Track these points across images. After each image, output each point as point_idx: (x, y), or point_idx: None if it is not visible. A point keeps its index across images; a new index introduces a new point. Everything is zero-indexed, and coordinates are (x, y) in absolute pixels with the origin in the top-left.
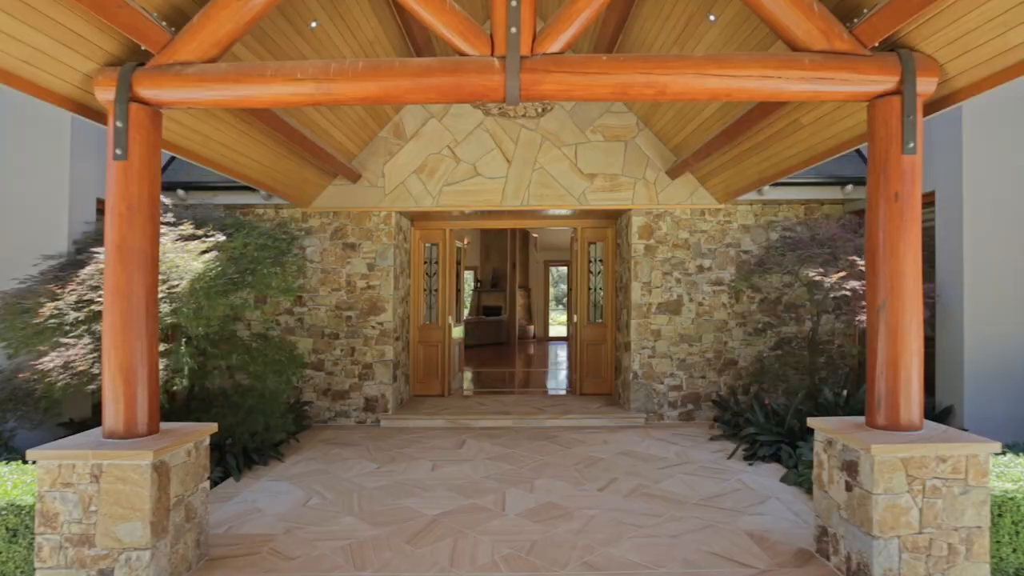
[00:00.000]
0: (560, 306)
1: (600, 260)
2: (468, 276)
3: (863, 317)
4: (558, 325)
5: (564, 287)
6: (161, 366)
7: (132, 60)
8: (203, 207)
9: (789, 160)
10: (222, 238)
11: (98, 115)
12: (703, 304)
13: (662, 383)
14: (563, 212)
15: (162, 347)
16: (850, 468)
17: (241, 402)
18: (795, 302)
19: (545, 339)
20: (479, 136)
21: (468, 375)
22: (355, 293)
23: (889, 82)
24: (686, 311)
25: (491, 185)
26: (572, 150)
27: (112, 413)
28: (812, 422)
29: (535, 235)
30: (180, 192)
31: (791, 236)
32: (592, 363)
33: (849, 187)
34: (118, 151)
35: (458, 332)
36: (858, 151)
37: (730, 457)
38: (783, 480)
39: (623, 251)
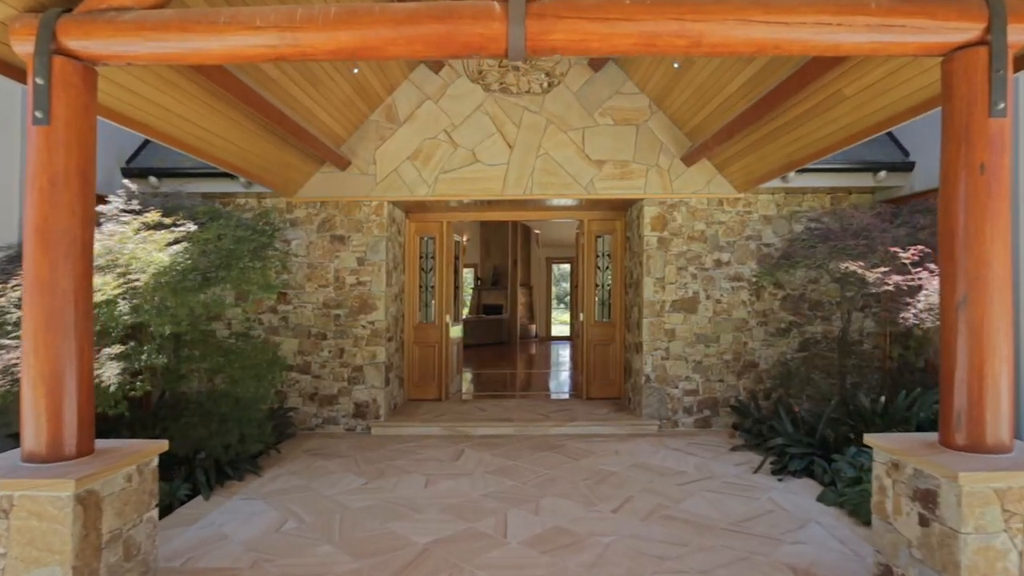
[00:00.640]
0: (562, 305)
1: (608, 254)
2: (468, 274)
3: (908, 314)
4: (560, 324)
5: (566, 285)
6: (116, 370)
7: (58, 5)
8: (177, 196)
9: (824, 140)
10: (194, 228)
11: (19, 73)
12: (721, 301)
13: (676, 387)
14: (569, 202)
15: (117, 349)
16: (926, 499)
17: (215, 410)
18: (821, 299)
19: (547, 338)
20: (478, 119)
21: (467, 377)
22: (344, 290)
23: (973, 30)
24: (703, 309)
25: (492, 172)
26: (579, 134)
27: (32, 431)
28: (871, 439)
29: (537, 231)
30: (152, 179)
31: (819, 227)
32: (599, 365)
33: (882, 174)
34: (38, 114)
35: (456, 332)
36: (889, 134)
37: (757, 471)
38: (821, 500)
39: (634, 244)
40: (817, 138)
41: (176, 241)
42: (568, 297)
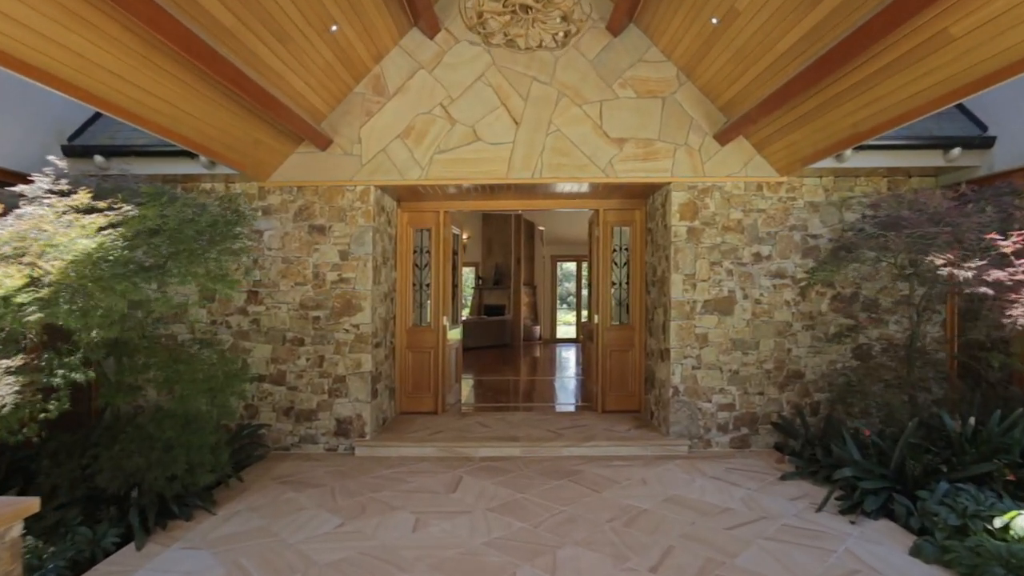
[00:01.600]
0: (564, 305)
1: (626, 248)
2: (469, 274)
3: (1016, 312)
4: (565, 325)
5: (569, 285)
6: (14, 388)
7: None
8: (123, 177)
9: (910, 101)
10: (134, 211)
11: None
12: (761, 302)
13: (709, 401)
14: (581, 189)
15: (18, 361)
16: None
17: (158, 434)
18: (876, 298)
19: (552, 341)
20: (479, 91)
21: (467, 384)
22: (324, 288)
23: None
24: (739, 310)
25: (495, 152)
26: (596, 109)
27: None
28: None
29: (541, 227)
30: (98, 159)
31: (882, 214)
32: (617, 373)
33: (956, 151)
34: None
35: (455, 335)
36: (960, 106)
37: (820, 509)
38: (916, 555)
39: (657, 236)
40: (900, 99)
41: (111, 226)
42: (571, 298)
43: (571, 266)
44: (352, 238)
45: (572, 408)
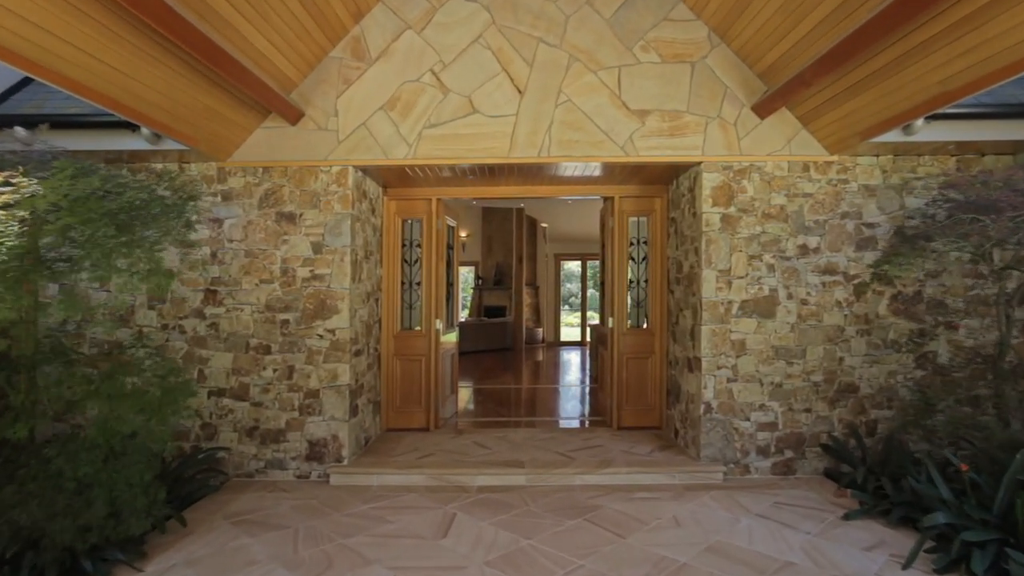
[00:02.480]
0: (566, 306)
1: (644, 242)
2: (468, 274)
3: None
4: (569, 327)
5: (571, 286)
6: None
7: None
8: (40, 153)
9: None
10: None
11: None
12: (808, 302)
13: (747, 419)
14: (594, 172)
15: None
16: None
17: (68, 471)
18: (943, 299)
19: (556, 344)
20: (477, 55)
21: (465, 393)
22: (294, 286)
23: None
24: (783, 312)
25: (495, 127)
26: (613, 75)
27: None
28: None
29: (544, 224)
30: (19, 131)
31: (962, 199)
32: (634, 384)
33: None
34: None
35: (449, 340)
36: None
37: (908, 566)
38: None
39: (683, 226)
40: (1019, 40)
41: (5, 206)
42: (573, 299)
43: (573, 266)
44: (327, 228)
45: (582, 423)
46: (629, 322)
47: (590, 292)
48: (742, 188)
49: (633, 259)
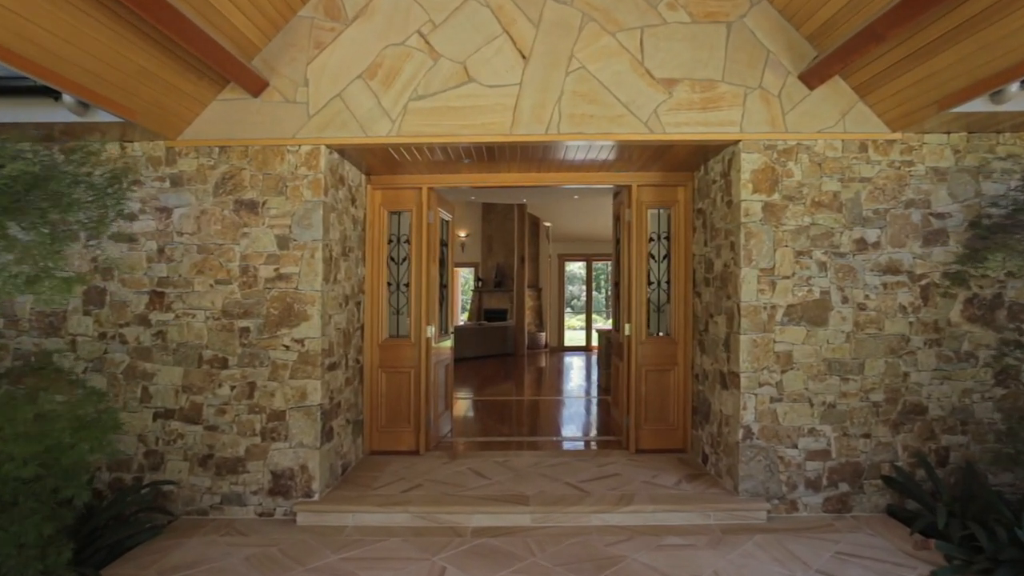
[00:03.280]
0: (569, 308)
1: (665, 237)
2: (468, 274)
3: None
4: (572, 330)
5: (573, 288)
6: None
7: None
8: None
9: None
10: None
11: None
12: (866, 307)
13: (795, 446)
14: (608, 156)
15: None
16: None
17: None
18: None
19: (559, 349)
20: (473, 14)
21: (461, 405)
22: (256, 288)
23: None
24: (836, 319)
25: (493, 99)
26: (635, 38)
27: None
28: None
29: (547, 223)
30: None
31: None
32: (654, 399)
33: None
34: None
35: (444, 348)
36: None
37: None
38: None
39: (714, 218)
40: None
41: None
42: (576, 301)
43: (575, 267)
44: (295, 218)
45: (594, 444)
46: (648, 329)
47: (597, 294)
48: (788, 171)
49: (653, 257)
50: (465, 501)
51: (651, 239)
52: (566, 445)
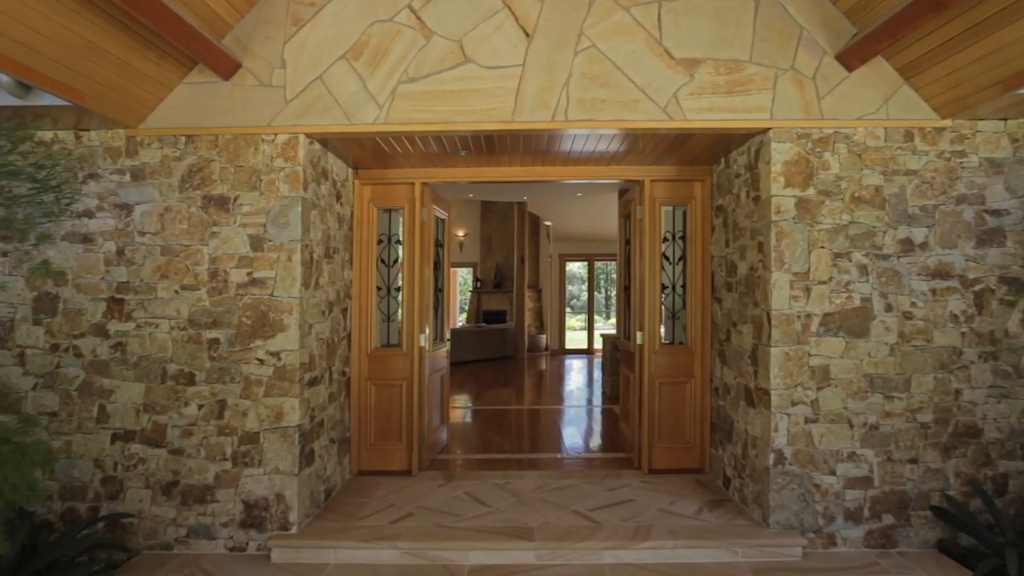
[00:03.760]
0: (568, 308)
1: (680, 237)
2: (467, 274)
3: None
4: (572, 331)
5: (573, 288)
6: None
7: None
8: None
9: None
10: None
11: None
12: (912, 316)
13: (832, 472)
14: (619, 148)
15: None
16: None
17: None
18: None
19: (560, 352)
20: None
21: (457, 414)
22: (227, 294)
23: None
24: (879, 329)
25: (493, 82)
26: (652, 12)
27: None
28: None
29: (548, 222)
30: None
31: None
32: (669, 415)
33: None
34: None
35: (439, 356)
36: None
37: None
38: None
39: (738, 216)
40: None
41: None
42: (575, 301)
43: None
44: (270, 216)
45: (601, 460)
46: (662, 337)
47: (597, 294)
48: (824, 163)
49: (667, 259)
50: (461, 534)
51: (665, 239)
52: (572, 463)
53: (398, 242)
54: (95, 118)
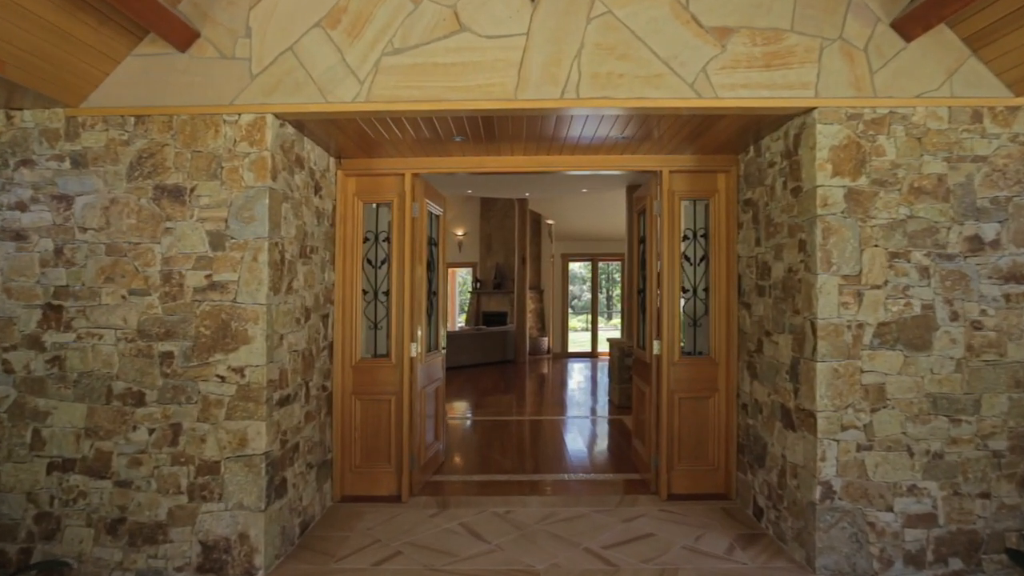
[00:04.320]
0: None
1: (703, 235)
2: (467, 275)
3: None
4: (575, 332)
5: (577, 287)
6: None
7: None
8: None
9: None
10: None
11: None
12: (982, 326)
13: (890, 508)
14: (633, 134)
15: None
16: None
17: None
18: None
19: (563, 355)
20: None
21: (455, 425)
22: (182, 300)
23: None
24: (942, 341)
25: (493, 53)
26: None
27: None
28: None
29: (550, 221)
30: None
31: None
32: (690, 432)
33: None
34: None
35: (434, 366)
36: None
37: None
38: None
39: (772, 211)
40: None
41: None
42: (576, 301)
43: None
44: (233, 209)
45: (613, 482)
46: (682, 347)
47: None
48: (877, 148)
49: (687, 259)
50: None
51: (684, 237)
52: (580, 486)
53: (387, 240)
54: (28, 95)
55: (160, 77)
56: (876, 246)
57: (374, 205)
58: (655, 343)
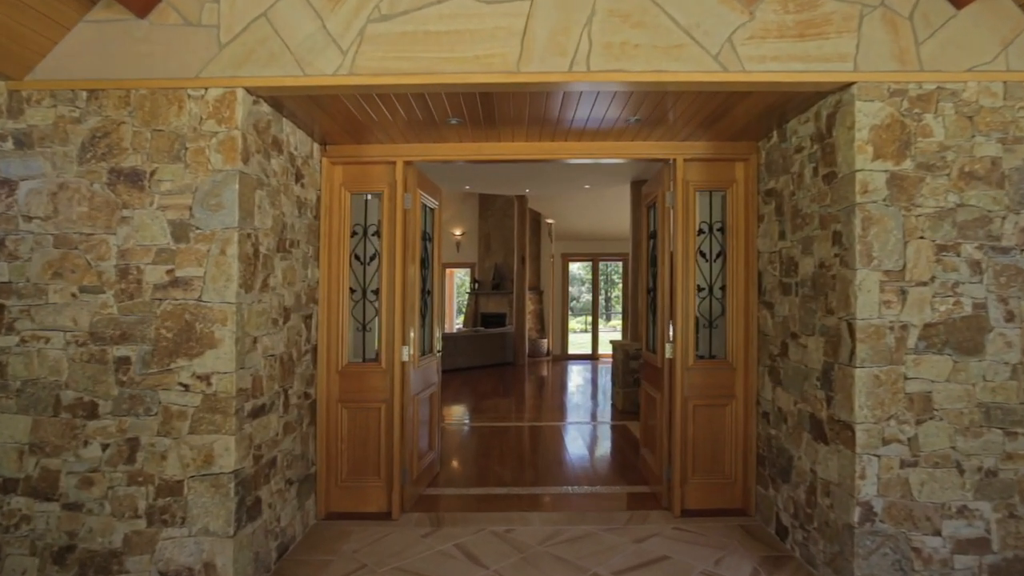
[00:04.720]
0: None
1: (719, 228)
2: (465, 275)
3: None
4: (575, 333)
5: (576, 288)
6: None
7: None
8: None
9: None
10: None
11: None
12: None
13: (937, 532)
14: (645, 117)
15: None
16: None
17: None
18: None
19: (563, 357)
20: None
21: (451, 432)
22: (140, 299)
23: None
24: (997, 345)
25: (492, 20)
26: None
27: None
28: None
29: (550, 220)
30: None
31: None
32: (705, 443)
33: None
34: None
35: (428, 371)
36: None
37: None
38: None
39: (799, 200)
40: None
41: None
42: (575, 302)
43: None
44: (198, 196)
45: (619, 495)
46: (696, 350)
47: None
48: (924, 128)
49: (704, 256)
50: None
51: (699, 231)
52: (585, 500)
53: (376, 234)
54: None
55: (116, 46)
56: (922, 238)
57: (363, 196)
58: (668, 346)
